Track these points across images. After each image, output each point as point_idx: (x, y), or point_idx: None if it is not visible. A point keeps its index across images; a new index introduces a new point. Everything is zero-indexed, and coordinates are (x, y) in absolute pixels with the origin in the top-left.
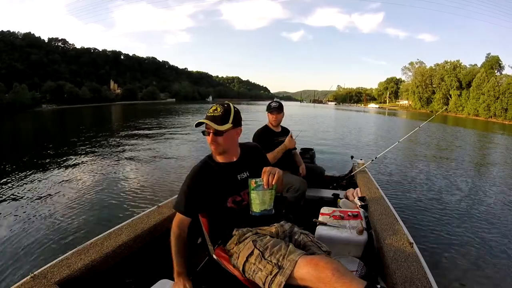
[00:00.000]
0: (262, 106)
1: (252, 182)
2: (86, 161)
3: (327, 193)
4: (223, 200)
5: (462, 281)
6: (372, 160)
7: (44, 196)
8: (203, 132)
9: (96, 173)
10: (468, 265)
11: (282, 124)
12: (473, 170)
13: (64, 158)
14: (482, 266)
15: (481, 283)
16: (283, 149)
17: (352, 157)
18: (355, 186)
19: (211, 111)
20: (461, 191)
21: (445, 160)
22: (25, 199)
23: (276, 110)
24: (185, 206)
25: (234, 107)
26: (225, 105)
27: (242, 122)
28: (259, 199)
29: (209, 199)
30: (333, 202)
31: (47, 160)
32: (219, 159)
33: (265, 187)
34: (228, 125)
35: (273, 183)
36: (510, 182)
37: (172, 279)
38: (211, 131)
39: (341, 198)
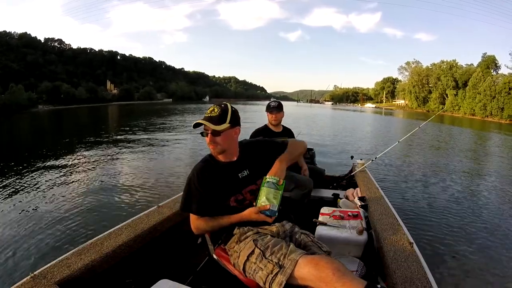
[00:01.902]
0: (259, 106)
1: (264, 178)
2: (85, 162)
3: (327, 193)
4: (225, 199)
5: (462, 281)
6: (372, 160)
7: (43, 197)
8: (202, 133)
9: (95, 173)
10: (469, 264)
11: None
12: (473, 169)
13: (63, 159)
14: (482, 266)
15: (481, 283)
16: None
17: (352, 157)
18: (355, 186)
19: (208, 112)
20: (461, 190)
21: (444, 160)
22: (24, 199)
23: (276, 109)
24: (197, 205)
25: (232, 107)
26: (223, 105)
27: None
28: (264, 195)
29: (212, 198)
30: (333, 202)
31: (45, 161)
32: (220, 158)
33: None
34: (225, 125)
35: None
36: (509, 181)
37: (172, 279)
38: (209, 132)
39: (341, 198)
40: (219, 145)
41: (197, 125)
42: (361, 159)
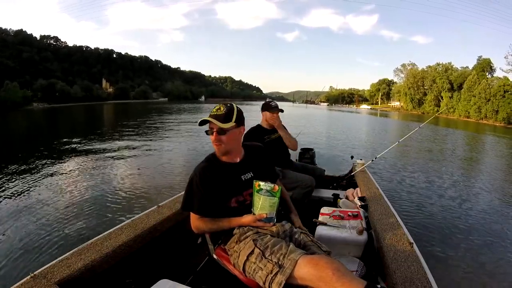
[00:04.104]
0: (255, 106)
1: (256, 184)
2: (85, 161)
3: (327, 193)
4: (227, 200)
5: (462, 281)
6: (372, 160)
7: (43, 197)
8: (207, 132)
9: (95, 173)
10: (468, 264)
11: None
12: (473, 169)
13: (62, 158)
14: (482, 266)
15: (481, 283)
16: None
17: (352, 157)
18: (355, 186)
19: (214, 110)
20: (461, 190)
21: (444, 161)
22: (24, 199)
23: (277, 109)
24: (198, 205)
25: (237, 107)
26: (228, 105)
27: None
28: (260, 204)
29: (213, 198)
30: (333, 202)
31: (45, 160)
32: (223, 158)
33: None
34: (231, 124)
35: None
36: (508, 181)
37: (172, 279)
38: (215, 130)
39: (341, 198)
40: (224, 144)
41: (203, 123)
42: (361, 159)
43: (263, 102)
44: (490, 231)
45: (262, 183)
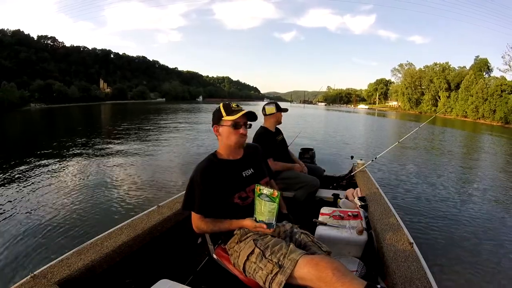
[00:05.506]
0: (253, 106)
1: (257, 189)
2: (84, 162)
3: (327, 193)
4: (229, 196)
5: (462, 281)
6: (372, 160)
7: (42, 197)
8: (236, 125)
9: (94, 173)
10: (468, 264)
11: None
12: (472, 169)
13: (61, 159)
14: (482, 266)
15: (481, 282)
16: (290, 168)
17: (352, 157)
18: (355, 186)
19: (236, 106)
20: (461, 190)
21: (443, 160)
22: (25, 199)
23: (286, 110)
24: (199, 204)
25: None
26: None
27: None
28: (259, 208)
29: (215, 196)
30: (333, 202)
31: (43, 161)
32: (225, 156)
33: None
34: None
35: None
36: (508, 181)
37: (172, 279)
38: (242, 124)
39: (341, 198)
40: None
41: (252, 116)
42: (361, 159)
43: (261, 102)
44: (490, 230)
45: (263, 188)
